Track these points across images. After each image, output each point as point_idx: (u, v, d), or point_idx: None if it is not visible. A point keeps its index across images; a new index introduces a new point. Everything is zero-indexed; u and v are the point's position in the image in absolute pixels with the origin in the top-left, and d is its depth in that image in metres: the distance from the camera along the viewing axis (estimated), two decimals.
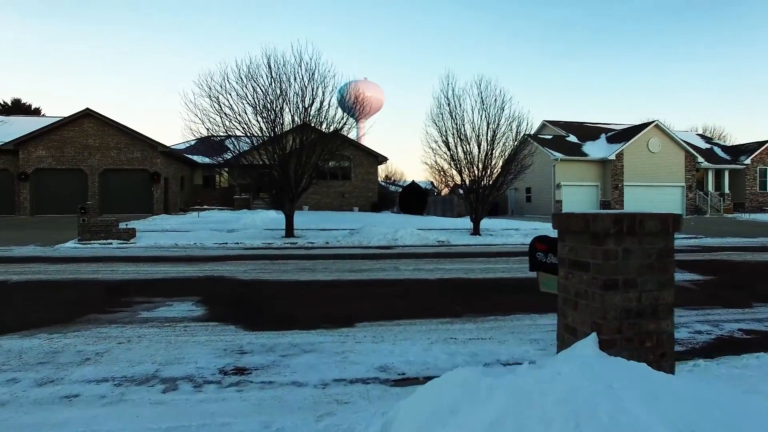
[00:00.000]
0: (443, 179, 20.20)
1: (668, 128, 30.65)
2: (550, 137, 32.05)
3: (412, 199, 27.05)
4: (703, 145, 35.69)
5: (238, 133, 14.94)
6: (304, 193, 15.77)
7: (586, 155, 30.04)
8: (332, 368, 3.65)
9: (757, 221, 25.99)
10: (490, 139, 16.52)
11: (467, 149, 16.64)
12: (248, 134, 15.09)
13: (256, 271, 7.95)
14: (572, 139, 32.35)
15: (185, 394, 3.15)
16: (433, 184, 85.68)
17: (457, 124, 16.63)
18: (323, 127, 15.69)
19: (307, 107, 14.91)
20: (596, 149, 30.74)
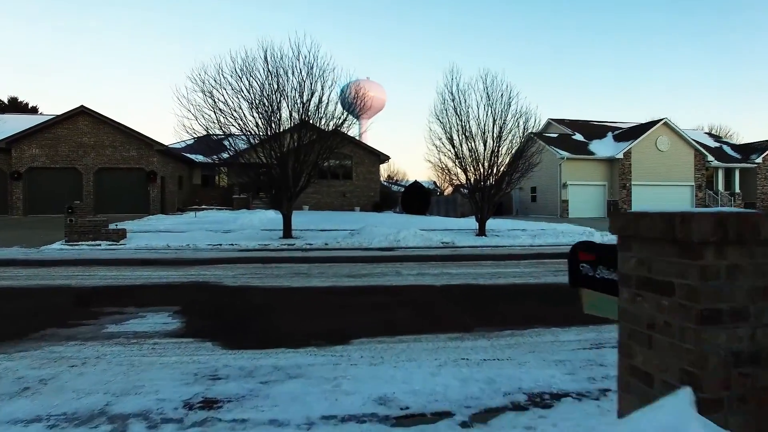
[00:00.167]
0: (447, 178, 19.58)
1: (677, 126, 29.91)
2: (555, 136, 31.35)
3: (414, 199, 26.40)
4: (712, 143, 34.94)
5: (233, 129, 14.31)
6: (302, 192, 15.14)
7: (592, 154, 29.34)
8: (321, 400, 3.01)
9: None
10: (496, 136, 15.86)
11: (472, 147, 15.99)
12: (244, 131, 14.46)
13: (246, 276, 7.32)
14: (578, 137, 31.65)
15: None
16: (435, 183, 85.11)
17: (462, 120, 15.99)
18: (322, 123, 15.06)
19: (305, 102, 14.27)
20: (603, 148, 30.03)
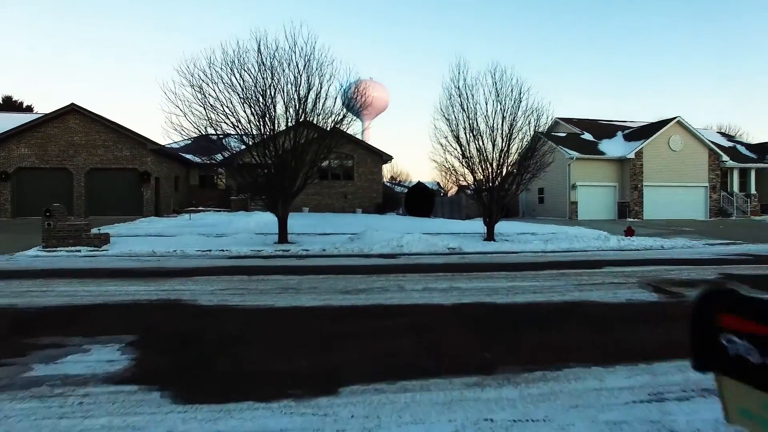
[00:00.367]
0: (453, 178, 18.59)
1: (690, 125, 28.86)
2: (563, 135, 30.33)
3: (418, 200, 25.45)
4: (725, 143, 33.88)
5: (224, 127, 13.41)
6: (299, 193, 14.21)
7: (602, 153, 28.31)
8: None
9: None
10: (506, 134, 14.93)
11: (480, 145, 15.04)
12: (237, 129, 13.56)
13: (226, 292, 6.40)
14: (587, 136, 30.63)
15: None
16: (439, 184, 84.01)
17: (469, 117, 15.04)
18: (320, 120, 14.15)
19: (302, 98, 13.36)
20: (613, 147, 29.00)
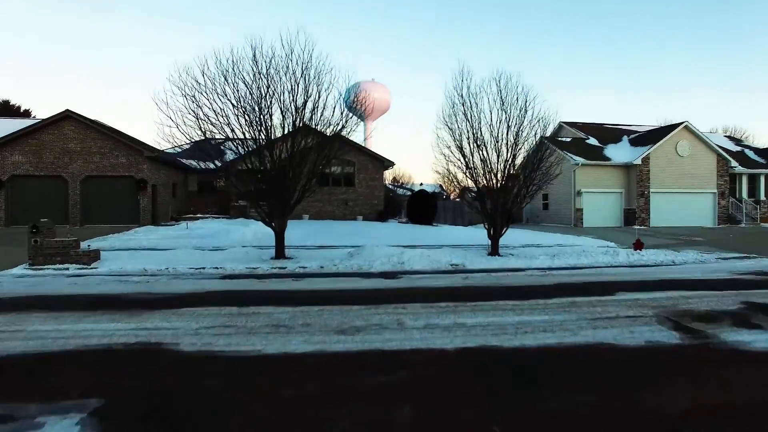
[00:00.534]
0: (457, 188, 18.11)
1: (698, 130, 28.28)
2: (568, 140, 29.82)
3: (420, 207, 24.94)
4: (732, 147, 33.29)
5: (219, 137, 12.97)
6: (296, 207, 13.73)
7: (608, 159, 27.76)
8: None
9: None
10: (511, 144, 14.43)
11: (485, 156, 14.55)
12: (232, 141, 13.11)
13: (212, 330, 5.92)
14: (592, 141, 30.09)
15: None
16: (441, 186, 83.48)
17: (473, 126, 14.54)
18: (319, 129, 13.68)
19: (299, 108, 12.89)
20: (619, 153, 28.45)
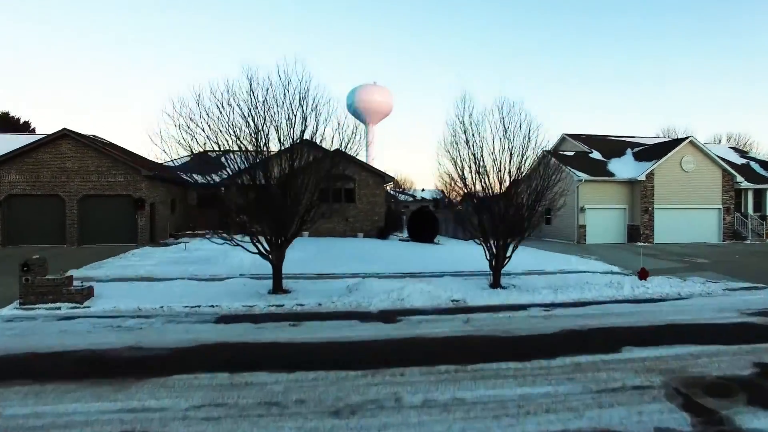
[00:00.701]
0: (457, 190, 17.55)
1: (703, 144, 27.94)
2: (571, 154, 29.50)
3: (421, 224, 24.71)
4: (737, 159, 32.94)
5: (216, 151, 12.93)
6: (294, 239, 13.49)
7: (612, 175, 27.44)
8: None
9: None
10: (514, 172, 14.16)
11: (487, 184, 14.28)
12: (230, 150, 12.99)
13: (201, 412, 5.66)
14: (596, 155, 29.77)
15: None
16: (443, 192, 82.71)
17: (475, 155, 14.27)
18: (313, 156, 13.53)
19: (295, 140, 12.67)
20: (623, 168, 28.13)
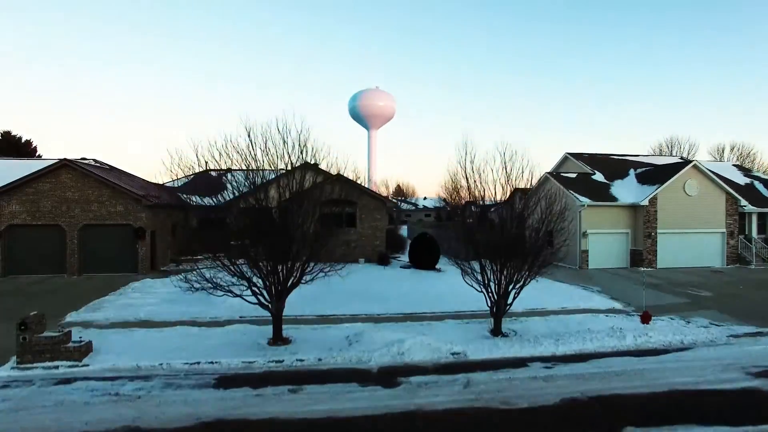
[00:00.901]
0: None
1: (707, 168, 27.76)
2: (574, 176, 29.34)
3: (423, 250, 24.58)
4: (741, 179, 32.73)
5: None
6: (294, 288, 13.40)
7: (615, 199, 27.27)
8: None
9: None
10: (516, 218, 14.07)
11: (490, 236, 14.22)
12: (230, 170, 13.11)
13: None
14: (599, 177, 29.60)
15: None
16: (445, 201, 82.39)
17: (476, 200, 14.22)
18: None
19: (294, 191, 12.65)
20: (626, 191, 27.96)
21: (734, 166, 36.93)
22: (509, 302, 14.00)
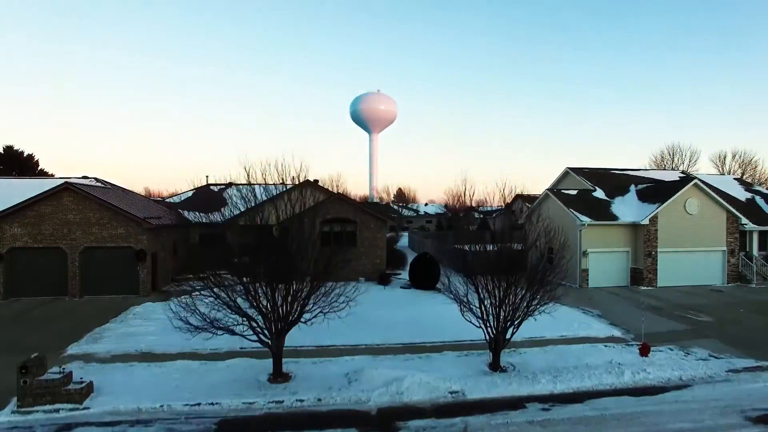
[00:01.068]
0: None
1: (707, 187, 27.75)
2: (574, 193, 29.34)
3: (423, 270, 24.64)
4: (743, 194, 32.70)
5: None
6: (294, 326, 13.45)
7: (616, 218, 27.26)
8: None
9: None
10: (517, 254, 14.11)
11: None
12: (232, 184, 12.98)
13: None
14: (599, 194, 29.59)
15: None
16: (446, 206, 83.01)
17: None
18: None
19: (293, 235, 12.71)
20: (626, 209, 27.95)
21: (735, 179, 36.90)
22: (507, 337, 14.03)
